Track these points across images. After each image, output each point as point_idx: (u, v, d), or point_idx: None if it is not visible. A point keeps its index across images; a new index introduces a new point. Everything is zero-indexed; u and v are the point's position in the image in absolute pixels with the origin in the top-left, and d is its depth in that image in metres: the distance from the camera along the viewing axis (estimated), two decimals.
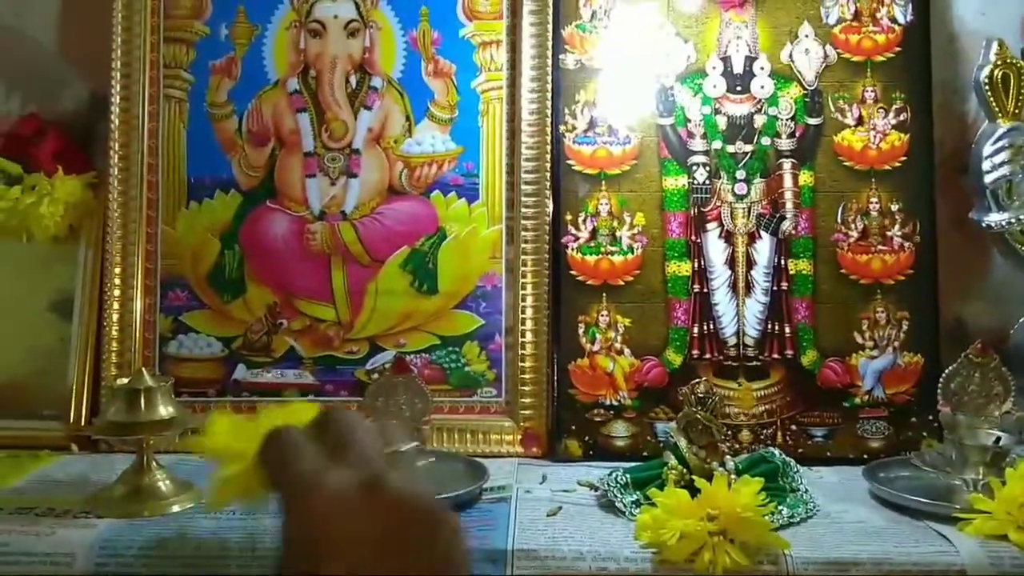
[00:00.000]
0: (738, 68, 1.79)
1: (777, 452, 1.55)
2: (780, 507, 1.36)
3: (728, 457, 1.43)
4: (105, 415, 1.45)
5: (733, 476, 1.36)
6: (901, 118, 1.77)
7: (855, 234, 1.76)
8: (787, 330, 1.74)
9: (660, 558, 1.21)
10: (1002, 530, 1.24)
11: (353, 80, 1.78)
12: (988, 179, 1.76)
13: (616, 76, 1.78)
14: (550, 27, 1.77)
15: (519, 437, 1.72)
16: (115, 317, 1.73)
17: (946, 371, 1.51)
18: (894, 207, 1.76)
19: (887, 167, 1.76)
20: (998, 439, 1.41)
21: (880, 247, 1.75)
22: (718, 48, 1.79)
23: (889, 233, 1.76)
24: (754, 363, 1.74)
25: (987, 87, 1.76)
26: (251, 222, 1.76)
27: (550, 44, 1.77)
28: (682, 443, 1.43)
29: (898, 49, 1.78)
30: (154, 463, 1.43)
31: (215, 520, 1.32)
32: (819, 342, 1.74)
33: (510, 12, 1.78)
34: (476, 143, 1.77)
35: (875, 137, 1.77)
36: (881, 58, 1.78)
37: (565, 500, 1.46)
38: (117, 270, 1.73)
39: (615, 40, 1.78)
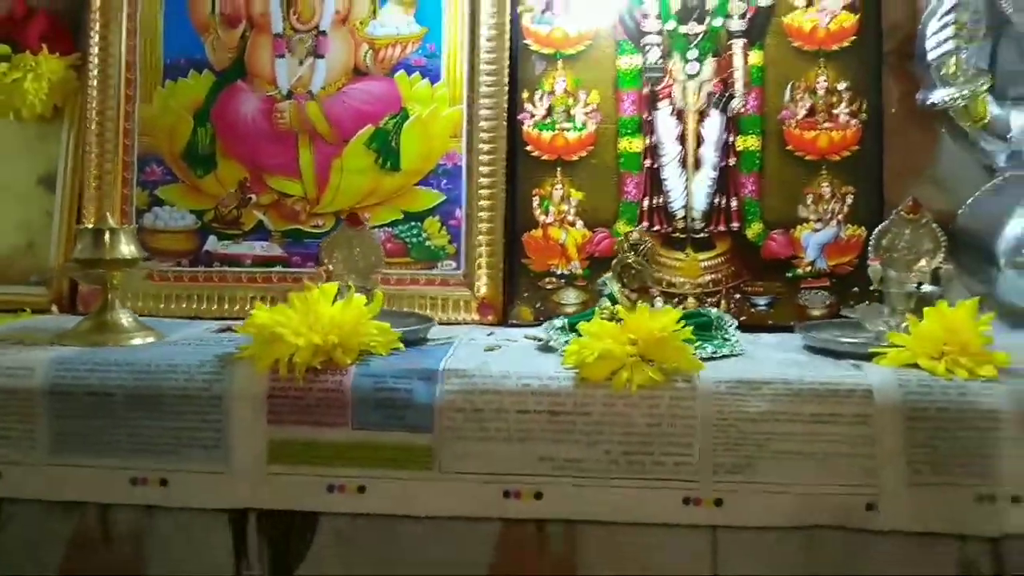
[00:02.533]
0: None
1: (713, 310, 1.42)
2: (705, 345, 1.24)
3: (658, 299, 1.32)
4: (72, 255, 1.35)
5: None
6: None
7: (802, 112, 1.58)
8: (734, 204, 1.58)
9: (580, 376, 1.13)
10: (913, 359, 1.15)
11: None
12: (933, 56, 1.57)
13: None
14: None
15: (475, 305, 1.56)
16: (93, 189, 1.59)
17: (878, 228, 1.34)
18: (841, 86, 1.58)
19: (835, 47, 1.58)
20: (919, 284, 1.28)
21: (826, 124, 1.57)
22: None
23: (835, 111, 1.58)
24: (701, 235, 1.58)
25: None
26: (223, 101, 1.61)
27: None
28: (615, 287, 1.30)
29: None
30: (117, 302, 1.32)
31: (170, 346, 1.26)
32: (764, 215, 1.58)
33: None
34: (438, 25, 1.61)
35: (824, 18, 1.58)
36: None
37: (507, 345, 1.33)
38: (95, 146, 1.60)
39: None
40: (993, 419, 1.07)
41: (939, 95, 1.57)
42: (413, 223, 1.58)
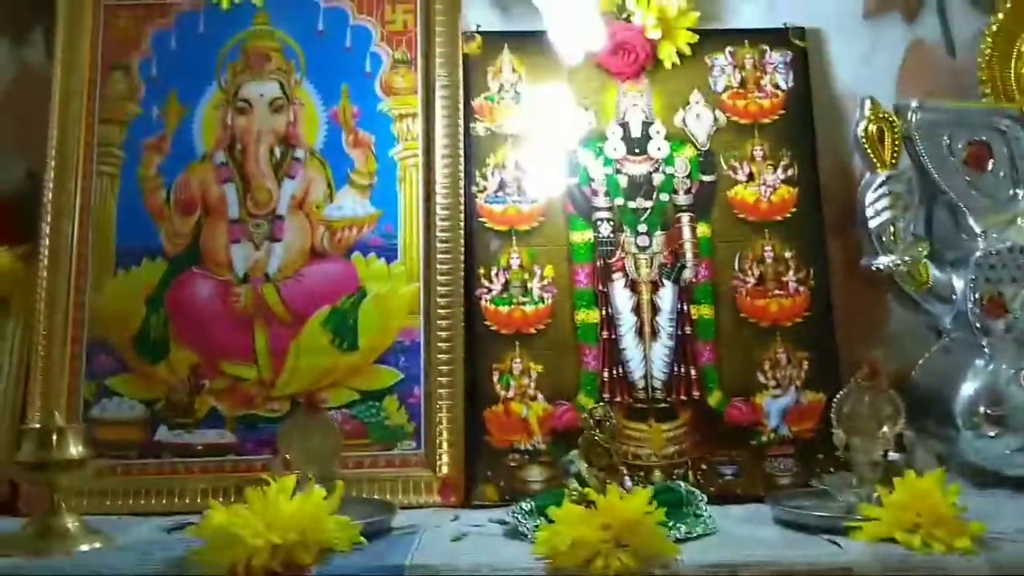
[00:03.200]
0: (636, 132, 1.61)
1: (682, 484, 1.34)
2: (678, 525, 1.17)
3: (627, 477, 1.24)
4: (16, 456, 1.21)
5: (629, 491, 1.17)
6: (789, 173, 1.59)
7: (752, 280, 1.56)
8: (693, 372, 1.53)
9: (554, 565, 1.04)
10: (888, 533, 1.09)
11: (278, 152, 1.58)
12: (872, 224, 1.57)
13: (523, 142, 1.59)
14: (461, 100, 1.59)
15: (437, 487, 1.45)
16: (39, 388, 1.45)
17: (837, 396, 1.30)
18: (787, 254, 1.57)
19: (778, 218, 1.58)
20: (885, 452, 1.22)
21: (776, 292, 1.55)
22: (617, 115, 1.61)
23: (784, 278, 1.56)
24: (662, 405, 1.52)
25: (864, 141, 1.58)
26: (176, 287, 1.52)
27: (461, 115, 1.59)
28: (582, 466, 1.22)
29: (782, 111, 1.62)
30: (63, 504, 1.18)
31: (118, 552, 1.13)
32: (724, 383, 1.53)
33: (424, 87, 1.59)
34: (394, 206, 1.56)
35: (766, 191, 1.59)
36: (767, 120, 1.61)
37: (473, 532, 1.23)
38: (42, 338, 1.48)
39: (522, 110, 1.60)
40: None
41: (881, 261, 1.56)
42: (371, 402, 1.48)
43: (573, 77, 1.60)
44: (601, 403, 1.34)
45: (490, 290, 1.53)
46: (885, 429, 1.25)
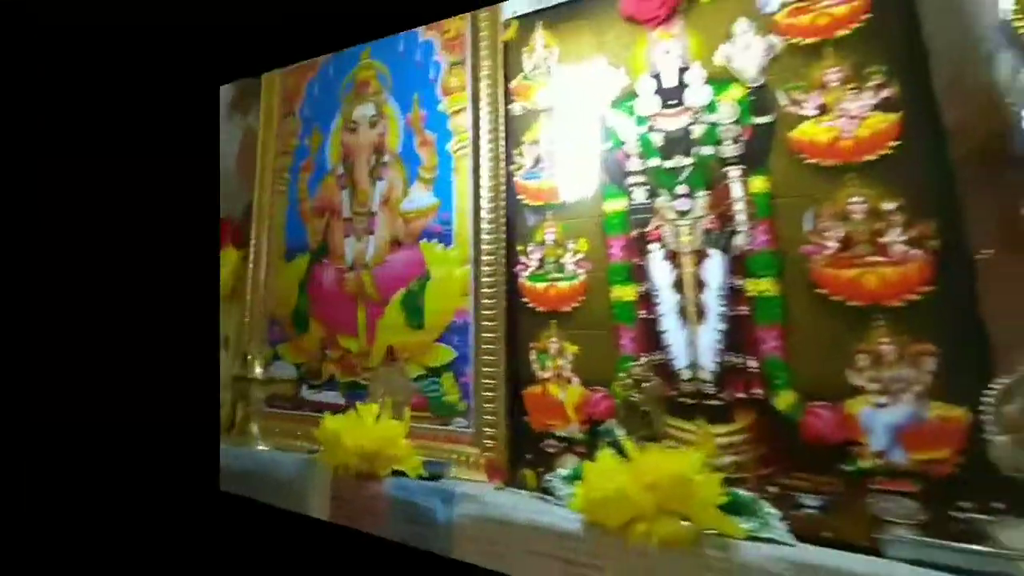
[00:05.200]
0: (669, 82, 0.86)
1: (743, 491, 0.69)
2: (738, 519, 0.63)
3: None
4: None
5: None
6: (885, 94, 0.72)
7: (834, 244, 0.74)
8: (752, 364, 0.77)
9: (591, 519, 0.63)
10: None
11: (372, 159, 1.15)
12: None
13: (556, 114, 0.95)
14: (501, 86, 1.00)
15: (484, 464, 0.94)
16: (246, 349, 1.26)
17: (995, 389, 0.58)
18: (889, 206, 0.71)
19: (870, 157, 0.73)
20: None
21: (873, 258, 0.72)
22: (649, 67, 0.88)
23: (885, 239, 0.71)
24: (714, 402, 0.79)
25: (1016, 22, 0.65)
26: (313, 274, 1.20)
27: (502, 100, 0.99)
28: (619, 432, 0.70)
29: (868, 15, 0.74)
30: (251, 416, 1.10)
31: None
32: (797, 380, 0.74)
33: (473, 80, 1.03)
34: (449, 195, 1.05)
35: (848, 125, 0.74)
36: (845, 32, 0.75)
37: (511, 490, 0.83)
38: (248, 314, 1.28)
39: (553, 83, 0.96)
40: None
41: None
42: (433, 378, 1.00)
43: (603, 38, 0.89)
44: (641, 361, 0.75)
45: (527, 267, 0.93)
46: None
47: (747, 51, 0.79)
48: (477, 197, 0.99)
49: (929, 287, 0.67)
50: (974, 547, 0.56)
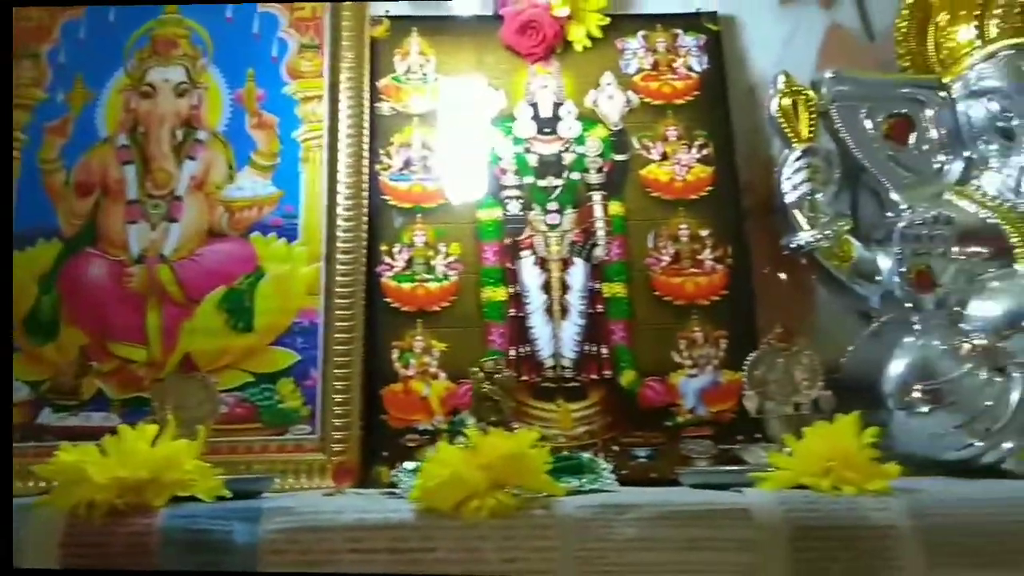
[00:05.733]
0: (546, 112, 1.00)
1: (585, 454, 0.78)
2: (570, 479, 0.70)
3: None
4: None
5: None
6: (704, 153, 0.98)
7: (667, 258, 0.95)
8: (604, 351, 0.92)
9: (424, 506, 0.61)
10: (796, 480, 0.66)
11: (180, 134, 0.98)
12: (790, 199, 0.96)
13: (430, 121, 0.99)
14: (366, 81, 0.99)
15: (331, 470, 0.87)
16: None
17: (750, 358, 0.76)
18: (703, 232, 0.96)
19: (694, 196, 0.97)
20: (797, 406, 0.76)
21: (692, 270, 0.95)
22: (527, 95, 1.00)
23: (700, 257, 0.96)
24: (572, 384, 0.90)
25: (779, 117, 0.99)
26: (70, 267, 0.94)
27: (367, 95, 0.99)
28: (470, 421, 0.71)
29: (697, 93, 1.01)
30: None
31: None
32: (637, 362, 0.91)
33: (331, 70, 1.00)
34: (296, 186, 0.96)
35: (680, 170, 0.98)
36: (681, 101, 1.01)
37: (352, 494, 0.77)
38: None
39: (429, 90, 1.00)
40: (889, 536, 0.60)
41: (802, 237, 0.96)
42: (265, 385, 0.89)
43: (483, 60, 0.99)
44: (494, 356, 0.81)
45: (392, 267, 0.93)
46: (802, 391, 0.76)
47: (611, 100, 0.98)
48: (333, 192, 0.95)
49: (725, 291, 0.93)
50: (732, 467, 0.77)
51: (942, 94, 0.92)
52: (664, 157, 0.97)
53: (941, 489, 0.68)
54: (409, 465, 0.73)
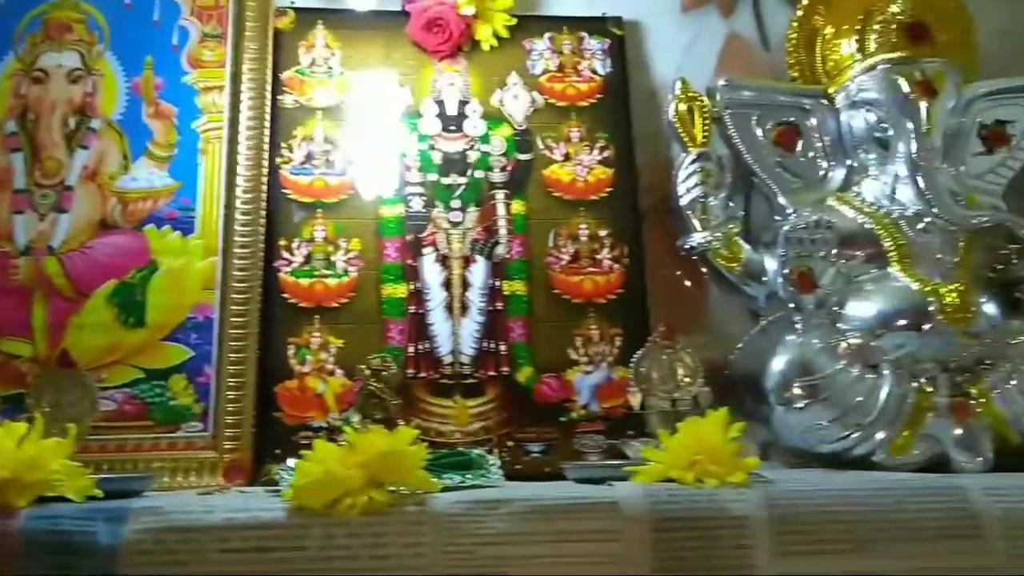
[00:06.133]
0: (451, 110, 1.00)
1: (475, 451, 0.79)
2: (453, 475, 0.72)
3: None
4: None
5: None
6: (605, 155, 1.00)
7: (566, 257, 0.98)
8: (503, 348, 0.94)
9: (296, 505, 0.61)
10: (665, 474, 0.68)
11: (72, 122, 0.96)
12: (684, 202, 0.99)
13: (334, 115, 0.99)
14: (269, 72, 0.98)
15: (223, 468, 0.87)
16: None
17: (635, 355, 0.79)
18: (602, 232, 0.98)
19: (594, 197, 1.00)
20: (674, 402, 0.79)
21: (591, 269, 0.97)
22: (432, 92, 1.01)
23: (599, 256, 0.98)
24: (470, 381, 0.92)
25: (676, 121, 1.03)
26: None
27: (269, 87, 0.97)
28: (355, 419, 0.72)
29: (600, 96, 1.03)
30: None
31: None
32: (535, 359, 0.93)
33: (233, 61, 0.98)
34: (194, 179, 0.95)
35: (582, 171, 1.00)
36: (584, 104, 1.03)
37: (234, 491, 0.76)
38: None
39: (333, 84, 1.00)
40: (744, 525, 0.63)
41: (694, 239, 1.00)
42: (156, 382, 0.88)
43: (390, 55, 0.99)
44: (381, 354, 0.82)
45: (290, 262, 0.93)
46: (682, 387, 0.80)
47: (516, 100, 0.99)
48: (232, 185, 0.95)
49: (621, 290, 0.95)
50: (611, 462, 0.79)
51: (826, 104, 0.97)
52: (567, 158, 0.99)
53: (800, 480, 0.71)
54: (291, 463, 0.73)
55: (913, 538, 0.66)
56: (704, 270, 0.98)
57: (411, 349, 0.89)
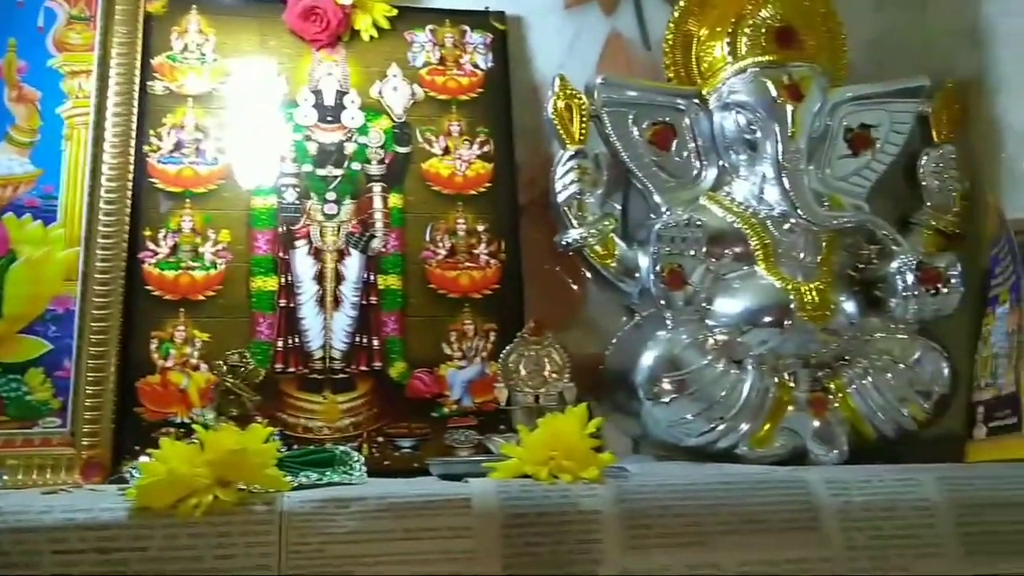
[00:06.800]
0: (329, 101, 0.99)
1: (340, 448, 0.79)
2: (310, 473, 0.72)
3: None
4: None
5: None
6: (485, 150, 1.01)
7: (443, 252, 0.98)
8: (375, 343, 0.94)
9: (138, 505, 0.61)
10: (521, 469, 0.70)
11: None
12: (560, 199, 1.00)
13: (206, 103, 0.97)
14: (139, 57, 0.96)
15: (80, 466, 0.87)
16: None
17: (504, 350, 0.81)
18: (480, 227, 0.99)
19: (473, 192, 1.00)
20: (538, 398, 0.82)
21: (467, 264, 0.98)
22: (310, 82, 1.00)
23: (476, 251, 0.99)
24: (340, 376, 0.92)
25: (555, 118, 1.03)
26: None
27: (138, 72, 0.95)
28: (210, 416, 0.74)
29: (481, 90, 1.03)
30: None
31: None
32: (408, 354, 0.94)
33: (101, 45, 0.96)
34: (57, 166, 0.92)
35: (461, 165, 1.01)
36: (465, 97, 1.03)
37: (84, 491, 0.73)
38: None
39: (206, 71, 0.98)
40: (594, 520, 0.65)
41: (571, 235, 1.02)
42: (12, 376, 0.86)
43: (266, 43, 0.98)
44: (239, 350, 0.82)
45: (156, 253, 0.92)
46: (549, 383, 0.82)
47: (396, 92, 0.99)
48: (96, 173, 0.93)
49: (497, 285, 0.96)
50: (474, 458, 0.81)
51: (700, 105, 0.99)
52: (446, 151, 0.99)
53: (654, 474, 0.73)
54: (144, 460, 0.73)
55: (756, 530, 0.68)
56: (582, 266, 0.99)
57: (280, 344, 0.89)
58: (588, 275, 0.99)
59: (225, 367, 0.73)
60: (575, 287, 1.01)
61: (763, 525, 0.66)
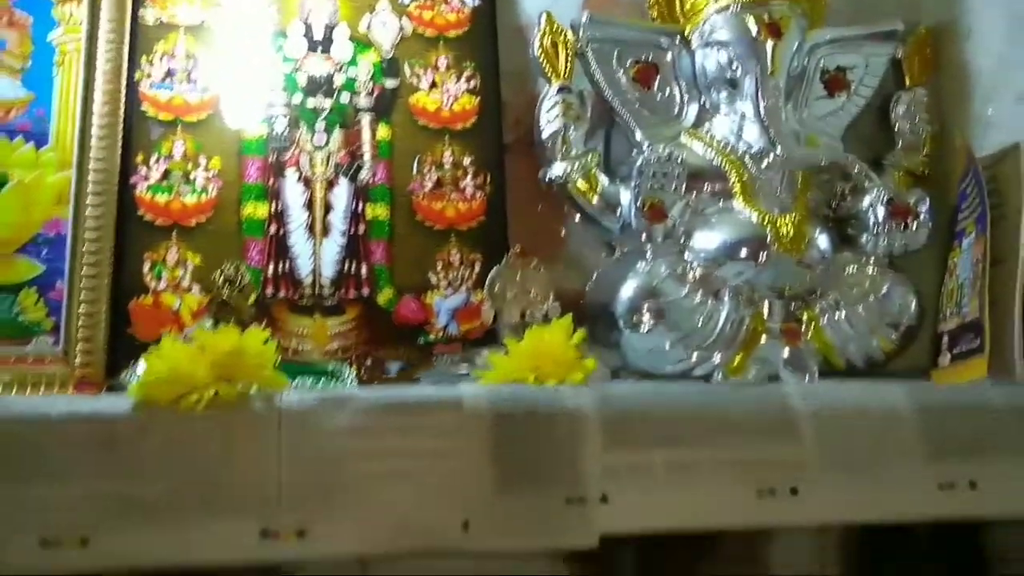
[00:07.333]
0: (319, 34, 1.01)
1: (331, 364, 0.86)
2: (306, 378, 0.79)
3: None
4: None
5: None
6: (472, 84, 1.03)
7: (430, 184, 1.00)
8: (364, 270, 0.97)
9: (141, 400, 0.63)
10: (510, 376, 0.76)
11: None
12: (545, 134, 1.03)
13: (197, 33, 0.99)
14: None
15: (73, 383, 0.89)
16: None
17: (491, 272, 0.87)
18: (466, 160, 1.02)
19: (459, 126, 1.03)
20: (524, 314, 0.86)
21: (454, 196, 1.01)
22: (300, 14, 1.02)
23: (462, 184, 1.02)
24: (329, 302, 0.95)
25: (541, 55, 1.06)
26: None
27: (129, 1, 0.98)
28: (207, 325, 0.78)
29: (469, 27, 1.05)
30: None
31: None
32: (396, 282, 0.97)
33: None
34: (49, 91, 0.94)
35: (448, 99, 1.03)
36: (453, 34, 1.05)
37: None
38: None
39: (199, 0, 1.00)
40: (579, 419, 0.69)
41: (555, 169, 1.06)
42: (5, 296, 0.88)
43: None
44: (236, 263, 0.85)
45: (147, 178, 0.94)
46: (534, 304, 0.86)
47: (384, 27, 1.00)
48: (88, 99, 0.94)
49: (482, 217, 0.99)
50: (463, 371, 0.87)
51: (682, 43, 1.02)
52: (433, 86, 1.01)
53: (637, 386, 0.77)
54: (141, 366, 0.75)
55: (732, 431, 0.73)
56: (565, 201, 1.02)
57: (271, 269, 0.92)
58: (570, 211, 1.02)
59: (222, 278, 0.75)
60: (557, 223, 1.03)
61: (739, 427, 0.71)
